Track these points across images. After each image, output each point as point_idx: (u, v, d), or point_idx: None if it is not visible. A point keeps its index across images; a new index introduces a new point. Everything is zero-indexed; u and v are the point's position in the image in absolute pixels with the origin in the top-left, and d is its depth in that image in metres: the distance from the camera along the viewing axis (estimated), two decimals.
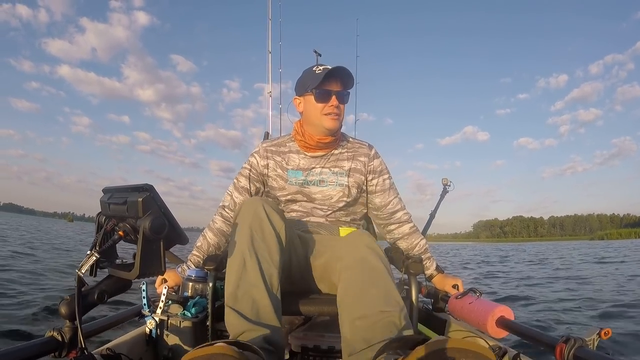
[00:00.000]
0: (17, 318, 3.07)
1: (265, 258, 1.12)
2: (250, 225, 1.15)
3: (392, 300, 1.04)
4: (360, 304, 1.04)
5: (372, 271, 1.11)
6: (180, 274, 1.46)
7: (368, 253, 1.14)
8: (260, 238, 1.14)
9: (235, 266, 1.11)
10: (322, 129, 1.46)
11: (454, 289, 1.53)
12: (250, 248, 1.12)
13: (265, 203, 1.20)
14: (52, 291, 4.20)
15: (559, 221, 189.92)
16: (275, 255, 1.14)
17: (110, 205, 1.05)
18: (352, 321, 1.02)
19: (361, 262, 1.13)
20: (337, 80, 1.44)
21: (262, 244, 1.14)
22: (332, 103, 1.43)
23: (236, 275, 1.09)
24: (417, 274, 1.38)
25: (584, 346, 1.01)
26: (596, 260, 13.37)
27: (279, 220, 1.19)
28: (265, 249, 1.13)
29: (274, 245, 1.15)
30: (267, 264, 1.12)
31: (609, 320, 3.82)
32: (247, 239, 1.13)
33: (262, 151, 1.56)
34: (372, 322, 0.99)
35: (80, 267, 0.99)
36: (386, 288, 1.07)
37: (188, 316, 1.30)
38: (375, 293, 1.05)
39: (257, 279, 1.09)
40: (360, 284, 1.08)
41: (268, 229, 1.16)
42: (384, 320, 0.98)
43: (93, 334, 1.22)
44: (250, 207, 1.19)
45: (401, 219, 1.59)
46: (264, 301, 1.07)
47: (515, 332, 1.26)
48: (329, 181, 1.51)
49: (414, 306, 1.33)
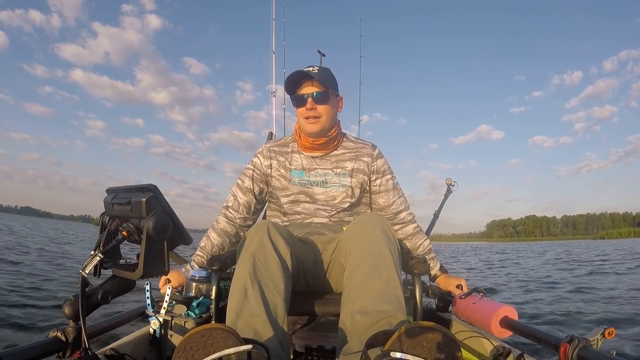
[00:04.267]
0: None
1: (269, 287, 1.07)
2: (253, 252, 1.11)
3: (392, 296, 1.05)
4: (362, 295, 1.05)
5: (378, 259, 1.11)
6: (184, 274, 1.46)
7: (378, 237, 1.14)
8: (264, 266, 1.10)
9: (236, 295, 1.06)
10: (305, 133, 1.48)
11: (458, 289, 1.53)
12: (252, 276, 1.07)
13: (272, 227, 1.17)
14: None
15: (571, 220, 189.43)
16: (280, 284, 1.09)
17: (114, 206, 1.05)
18: (353, 314, 1.04)
19: (369, 247, 1.13)
20: (313, 82, 1.43)
21: (265, 272, 1.09)
22: (307, 106, 1.43)
23: (237, 305, 1.04)
24: (421, 274, 1.38)
25: (588, 346, 1.01)
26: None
27: (284, 245, 1.16)
28: (269, 277, 1.09)
29: (278, 273, 1.11)
30: (272, 294, 1.07)
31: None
32: (249, 267, 1.09)
33: (266, 151, 1.56)
34: (370, 320, 1.00)
35: (84, 268, 0.99)
36: (389, 279, 1.07)
37: (192, 316, 1.30)
38: (378, 286, 1.06)
39: (259, 309, 1.03)
40: (364, 273, 1.09)
41: (272, 256, 1.12)
42: (381, 321, 0.99)
43: (97, 334, 1.22)
44: (256, 233, 1.16)
45: (405, 220, 1.59)
46: (267, 333, 1.01)
47: (519, 332, 1.26)
48: (332, 182, 1.50)
49: (417, 306, 1.32)
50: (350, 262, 1.14)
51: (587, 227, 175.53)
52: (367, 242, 1.14)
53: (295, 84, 1.43)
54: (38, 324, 3.03)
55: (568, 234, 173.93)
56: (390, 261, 1.11)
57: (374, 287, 1.06)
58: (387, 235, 1.17)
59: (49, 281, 4.99)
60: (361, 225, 1.22)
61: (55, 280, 5.14)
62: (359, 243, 1.16)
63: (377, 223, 1.19)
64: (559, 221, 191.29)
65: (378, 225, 1.18)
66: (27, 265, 6.40)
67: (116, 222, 1.05)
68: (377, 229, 1.17)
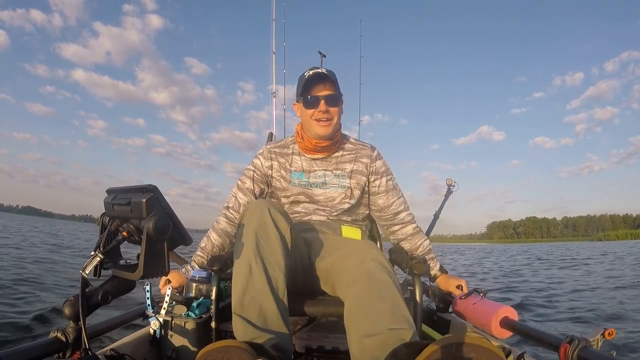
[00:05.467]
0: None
1: (271, 263, 1.11)
2: (255, 229, 1.13)
3: (400, 317, 0.99)
4: (368, 320, 1.00)
5: (380, 285, 1.07)
6: (184, 275, 1.46)
7: (375, 266, 1.11)
8: (266, 242, 1.13)
9: (241, 272, 1.09)
10: (314, 135, 1.47)
11: (458, 289, 1.53)
12: (255, 253, 1.10)
13: (271, 205, 1.18)
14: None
15: (571, 222, 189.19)
16: (280, 259, 1.13)
17: (114, 206, 1.05)
18: (361, 339, 0.98)
19: (368, 276, 1.09)
20: (325, 84, 1.43)
21: (267, 248, 1.12)
22: (321, 108, 1.42)
23: (243, 282, 1.08)
24: (421, 274, 1.38)
25: (588, 346, 1.01)
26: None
27: (284, 222, 1.17)
28: (271, 253, 1.12)
29: (279, 249, 1.13)
30: (273, 269, 1.10)
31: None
32: (252, 244, 1.11)
33: (266, 153, 1.56)
34: (381, 340, 0.93)
35: (84, 268, 0.99)
36: (394, 303, 1.03)
37: (192, 317, 1.30)
38: (383, 308, 1.01)
39: (263, 284, 1.07)
40: (368, 299, 1.04)
41: (273, 233, 1.14)
42: (393, 338, 0.93)
43: (97, 335, 1.22)
44: (255, 210, 1.17)
45: (404, 220, 1.59)
46: (271, 307, 1.06)
47: (519, 332, 1.26)
48: (331, 183, 1.51)
49: (418, 307, 1.32)
50: (352, 293, 1.09)
51: (588, 228, 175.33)
52: (367, 273, 1.11)
53: (309, 85, 1.42)
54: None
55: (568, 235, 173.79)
56: (392, 286, 1.08)
57: (380, 311, 1.00)
58: (385, 266, 1.14)
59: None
60: (357, 256, 1.18)
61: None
62: (357, 275, 1.12)
63: (373, 254, 1.16)
64: (559, 223, 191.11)
65: (375, 256, 1.15)
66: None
67: (116, 223, 1.05)
68: (375, 262, 1.13)
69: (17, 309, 3.43)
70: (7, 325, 2.88)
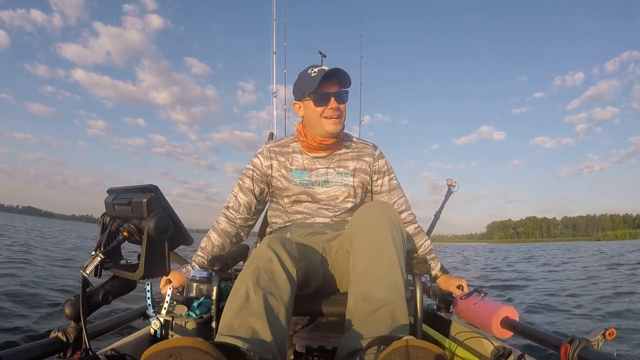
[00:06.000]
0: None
1: (272, 295, 1.02)
2: (258, 266, 1.07)
3: (392, 283, 1.08)
4: (364, 280, 1.10)
5: (381, 245, 1.13)
6: (184, 275, 1.46)
7: (382, 223, 1.16)
8: (269, 278, 1.05)
9: (236, 299, 1.00)
10: (324, 133, 1.46)
11: (459, 289, 1.53)
12: (255, 285, 1.01)
13: (278, 243, 1.14)
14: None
15: (571, 222, 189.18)
16: (284, 296, 1.05)
17: (114, 206, 1.05)
18: (356, 300, 1.08)
19: (373, 233, 1.15)
20: (334, 81, 1.43)
21: (270, 284, 1.05)
22: (332, 105, 1.42)
23: (236, 307, 0.98)
24: (422, 274, 1.37)
25: (589, 346, 1.01)
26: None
27: (291, 263, 1.12)
28: (274, 289, 1.04)
29: (284, 286, 1.06)
30: (275, 301, 1.02)
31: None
32: (253, 278, 1.03)
33: (266, 152, 1.55)
34: (371, 308, 1.04)
35: (84, 268, 0.99)
36: (390, 266, 1.10)
37: (193, 317, 1.30)
38: (380, 271, 1.09)
39: (260, 310, 0.96)
40: (367, 259, 1.12)
41: (278, 271, 1.08)
42: (382, 309, 1.03)
43: (98, 335, 1.22)
44: (261, 250, 1.12)
45: (406, 220, 1.59)
46: (266, 333, 0.94)
47: (520, 332, 1.26)
48: (333, 181, 1.50)
49: (418, 307, 1.32)
50: (355, 247, 1.16)
51: (588, 228, 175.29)
52: (372, 228, 1.16)
53: (321, 82, 1.40)
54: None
55: (568, 235, 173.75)
56: (392, 247, 1.12)
57: (376, 273, 1.09)
58: (392, 221, 1.18)
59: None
60: (367, 211, 1.24)
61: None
62: (364, 229, 1.18)
63: (382, 209, 1.21)
64: (559, 222, 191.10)
65: (383, 211, 1.20)
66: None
67: (117, 223, 1.05)
68: (382, 215, 1.18)
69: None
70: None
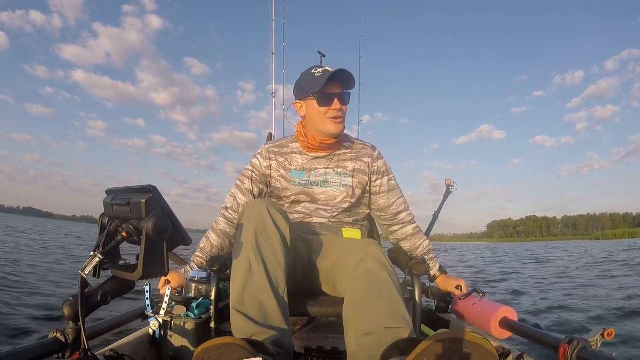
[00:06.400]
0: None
1: (270, 260, 1.11)
2: (254, 227, 1.14)
3: (398, 316, 1.02)
4: (366, 319, 1.03)
5: (379, 284, 1.10)
6: (183, 275, 1.46)
7: (375, 264, 1.14)
8: (265, 240, 1.13)
9: (241, 269, 1.10)
10: (325, 133, 1.46)
11: (457, 289, 1.53)
12: (255, 250, 1.11)
13: (269, 204, 1.19)
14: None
15: (571, 221, 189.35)
16: (280, 257, 1.13)
17: (113, 207, 1.05)
18: (358, 337, 1.01)
19: (368, 275, 1.12)
20: (338, 82, 1.44)
21: (267, 245, 1.13)
22: (335, 106, 1.43)
23: (242, 278, 1.09)
24: (420, 274, 1.38)
25: (587, 347, 1.01)
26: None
27: (283, 221, 1.18)
28: (271, 251, 1.13)
29: (279, 247, 1.14)
30: (273, 266, 1.11)
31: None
32: (252, 241, 1.12)
33: (265, 152, 1.55)
34: (379, 339, 0.97)
35: (83, 269, 0.99)
36: (392, 302, 1.06)
37: (192, 317, 1.30)
38: (382, 307, 1.04)
39: (263, 281, 1.08)
40: (366, 298, 1.07)
41: (273, 231, 1.15)
42: (390, 337, 0.96)
43: (96, 335, 1.21)
44: (254, 209, 1.18)
45: (405, 220, 1.59)
46: (272, 304, 1.06)
47: (519, 332, 1.26)
48: (332, 182, 1.50)
49: (417, 307, 1.32)
50: (350, 290, 1.12)
51: (588, 227, 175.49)
52: (366, 271, 1.13)
53: (325, 82, 1.40)
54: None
55: (568, 234, 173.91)
56: (391, 285, 1.10)
57: (378, 310, 1.04)
58: (385, 264, 1.15)
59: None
60: (358, 254, 1.20)
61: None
62: (357, 272, 1.14)
63: (373, 251, 1.18)
64: (560, 222, 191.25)
65: (375, 254, 1.17)
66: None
67: (116, 223, 1.05)
68: (375, 260, 1.15)
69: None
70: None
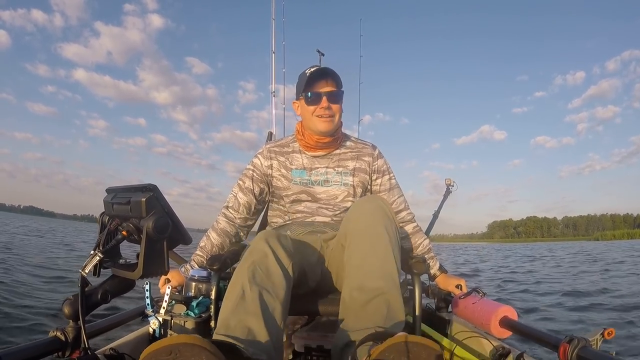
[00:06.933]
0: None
1: (268, 292, 1.01)
2: (254, 261, 1.06)
3: (387, 274, 1.08)
4: (359, 272, 1.10)
5: (376, 238, 1.13)
6: (183, 274, 1.46)
7: (376, 217, 1.16)
8: (265, 275, 1.04)
9: (232, 296, 1.00)
10: (316, 131, 1.47)
11: (458, 289, 1.53)
12: (251, 281, 1.01)
13: (274, 239, 1.14)
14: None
15: (572, 221, 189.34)
16: (280, 291, 1.04)
17: (113, 205, 1.05)
18: (351, 290, 1.09)
19: (368, 227, 1.16)
20: (328, 81, 1.44)
21: (266, 280, 1.04)
22: (323, 105, 1.43)
23: (232, 305, 0.97)
24: (420, 273, 1.37)
25: (588, 346, 1.01)
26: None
27: (286, 258, 1.11)
28: (270, 286, 1.03)
29: (279, 283, 1.05)
30: (271, 298, 1.01)
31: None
32: (248, 274, 1.02)
33: (266, 152, 1.56)
34: (366, 298, 1.04)
35: (83, 267, 0.99)
36: (385, 258, 1.11)
37: (192, 316, 1.30)
38: (374, 263, 1.10)
39: (256, 309, 0.96)
40: (362, 252, 1.13)
41: (274, 267, 1.07)
42: (377, 299, 1.04)
43: (96, 334, 1.22)
44: (257, 245, 1.12)
45: (405, 219, 1.59)
46: (262, 332, 0.93)
47: (519, 332, 1.26)
48: (333, 181, 1.51)
49: (417, 306, 1.32)
50: (350, 241, 1.17)
51: (588, 228, 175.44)
52: (366, 221, 1.17)
53: (311, 81, 1.43)
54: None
55: (568, 235, 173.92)
56: (387, 240, 1.13)
57: (371, 265, 1.10)
58: (386, 215, 1.18)
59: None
60: (361, 205, 1.24)
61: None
62: (358, 223, 1.18)
63: (376, 203, 1.21)
64: (560, 222, 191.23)
65: (377, 205, 1.20)
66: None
67: (116, 222, 1.05)
68: (376, 209, 1.19)
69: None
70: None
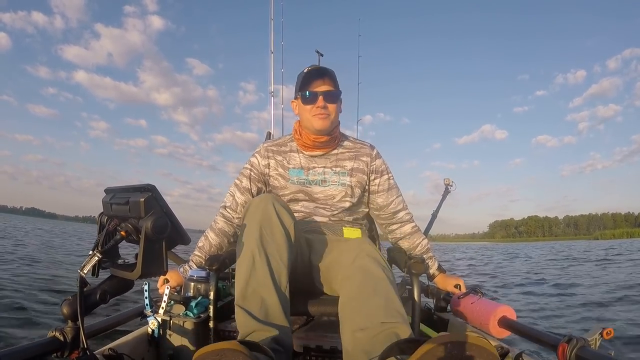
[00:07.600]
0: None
1: (274, 256, 1.12)
2: (259, 222, 1.15)
3: (393, 311, 1.02)
4: (361, 314, 1.03)
5: (373, 280, 1.09)
6: (182, 274, 1.46)
7: (369, 262, 1.14)
8: (270, 236, 1.14)
9: (244, 265, 1.11)
10: (313, 130, 1.48)
11: (456, 288, 1.53)
12: (259, 246, 1.12)
13: (275, 200, 1.20)
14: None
15: (573, 220, 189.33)
16: (284, 254, 1.14)
17: (112, 206, 1.06)
18: (353, 333, 1.01)
19: (362, 272, 1.12)
20: (325, 80, 1.45)
21: (271, 242, 1.14)
22: (319, 104, 1.44)
23: (245, 274, 1.09)
24: (419, 274, 1.37)
25: (586, 346, 1.01)
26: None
27: (288, 218, 1.19)
28: (275, 247, 1.13)
29: (283, 244, 1.15)
30: (276, 263, 1.12)
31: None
32: (256, 237, 1.13)
33: (263, 151, 1.56)
34: (373, 334, 0.97)
35: (82, 267, 0.99)
36: (387, 297, 1.05)
37: (190, 316, 1.30)
38: (376, 303, 1.03)
39: (265, 277, 1.09)
40: (361, 294, 1.07)
41: (277, 227, 1.16)
42: (385, 332, 0.96)
43: (95, 334, 1.22)
44: (260, 205, 1.18)
45: (403, 219, 1.59)
46: (273, 300, 1.08)
47: (518, 331, 1.26)
48: (331, 181, 1.50)
49: (416, 306, 1.32)
50: (346, 288, 1.12)
51: (589, 227, 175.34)
52: (361, 268, 1.13)
53: (308, 81, 1.44)
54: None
55: (570, 234, 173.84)
56: (386, 281, 1.10)
57: (373, 306, 1.03)
58: (378, 260, 1.16)
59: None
60: (352, 252, 1.20)
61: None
62: (352, 270, 1.14)
63: (367, 249, 1.18)
64: (561, 221, 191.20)
65: (369, 252, 1.17)
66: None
67: (115, 222, 1.05)
68: (369, 257, 1.15)
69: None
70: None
